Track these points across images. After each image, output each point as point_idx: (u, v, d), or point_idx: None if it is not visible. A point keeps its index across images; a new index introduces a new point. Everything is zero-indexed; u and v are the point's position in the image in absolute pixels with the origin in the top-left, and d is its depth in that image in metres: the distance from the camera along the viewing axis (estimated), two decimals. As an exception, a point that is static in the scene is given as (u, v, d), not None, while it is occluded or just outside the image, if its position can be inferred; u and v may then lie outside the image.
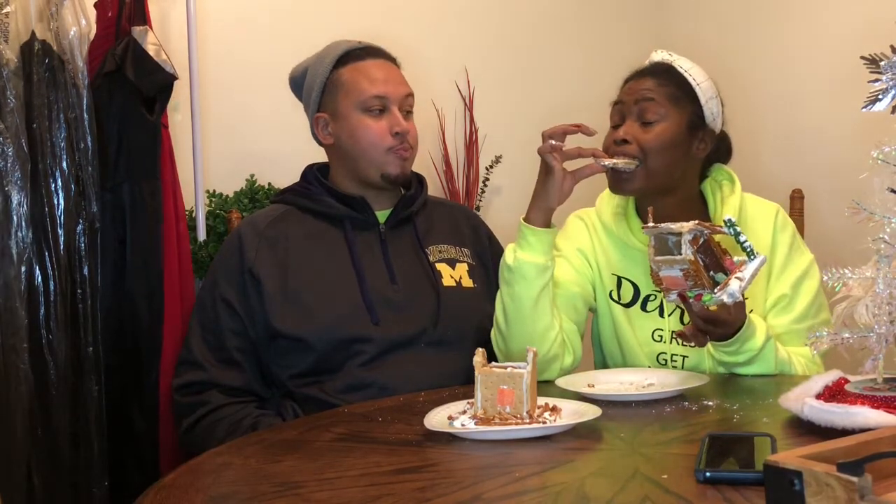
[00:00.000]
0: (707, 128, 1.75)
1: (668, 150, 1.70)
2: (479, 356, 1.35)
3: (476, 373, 1.33)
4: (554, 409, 1.34)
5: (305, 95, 1.91)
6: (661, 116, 1.70)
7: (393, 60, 1.91)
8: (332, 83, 1.86)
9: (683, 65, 1.76)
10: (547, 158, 1.64)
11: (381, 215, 1.88)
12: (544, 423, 1.29)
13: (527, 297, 1.63)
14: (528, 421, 1.29)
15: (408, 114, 1.88)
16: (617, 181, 1.73)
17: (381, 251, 1.84)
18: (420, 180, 1.95)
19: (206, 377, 1.76)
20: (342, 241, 1.83)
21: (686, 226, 1.42)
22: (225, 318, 1.77)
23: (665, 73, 1.74)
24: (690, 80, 1.74)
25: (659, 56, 1.79)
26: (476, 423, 1.29)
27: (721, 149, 1.83)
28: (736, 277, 1.41)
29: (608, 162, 1.67)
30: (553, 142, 1.63)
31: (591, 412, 1.32)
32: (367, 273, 1.79)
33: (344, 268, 1.79)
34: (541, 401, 1.37)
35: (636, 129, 1.70)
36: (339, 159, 1.89)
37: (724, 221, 1.43)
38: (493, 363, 1.35)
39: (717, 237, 1.46)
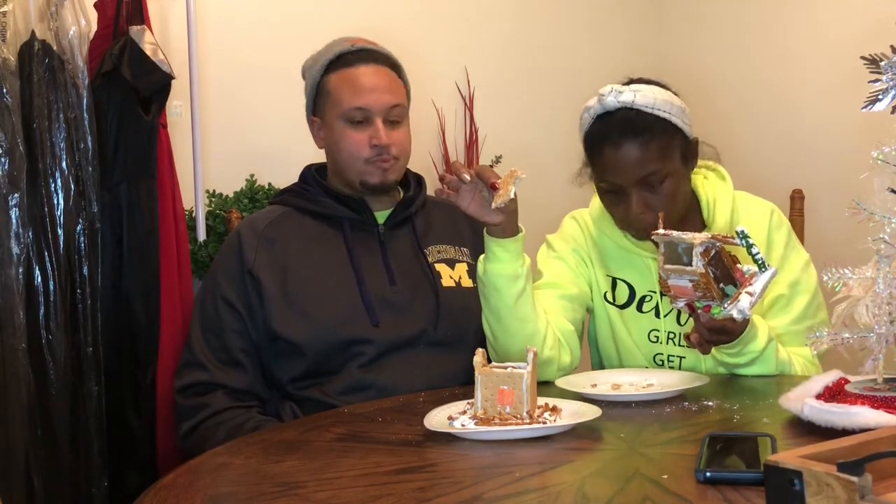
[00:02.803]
0: (690, 142, 1.69)
1: (679, 196, 1.66)
2: (479, 356, 1.35)
3: (476, 373, 1.33)
4: (554, 410, 1.34)
5: (306, 95, 1.91)
6: (664, 175, 1.63)
7: (388, 63, 1.86)
8: (322, 89, 1.85)
9: (645, 102, 1.62)
10: (451, 199, 1.59)
11: (380, 216, 1.87)
12: (544, 423, 1.29)
13: (504, 307, 1.62)
14: (528, 421, 1.29)
15: (394, 123, 1.83)
16: (641, 238, 1.68)
17: (380, 252, 1.83)
18: (419, 181, 1.95)
19: (209, 378, 1.75)
20: (341, 242, 1.82)
21: (698, 237, 1.38)
22: (227, 318, 1.77)
23: (642, 128, 1.61)
24: (663, 115, 1.62)
25: (613, 99, 1.63)
26: (476, 424, 1.29)
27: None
28: (746, 292, 1.37)
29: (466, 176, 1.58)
30: (445, 187, 1.59)
31: (591, 412, 1.32)
32: (366, 274, 1.79)
33: (343, 269, 1.79)
34: (541, 401, 1.36)
35: (646, 198, 1.63)
36: (331, 163, 1.89)
37: (737, 233, 1.39)
38: (493, 363, 1.35)
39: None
